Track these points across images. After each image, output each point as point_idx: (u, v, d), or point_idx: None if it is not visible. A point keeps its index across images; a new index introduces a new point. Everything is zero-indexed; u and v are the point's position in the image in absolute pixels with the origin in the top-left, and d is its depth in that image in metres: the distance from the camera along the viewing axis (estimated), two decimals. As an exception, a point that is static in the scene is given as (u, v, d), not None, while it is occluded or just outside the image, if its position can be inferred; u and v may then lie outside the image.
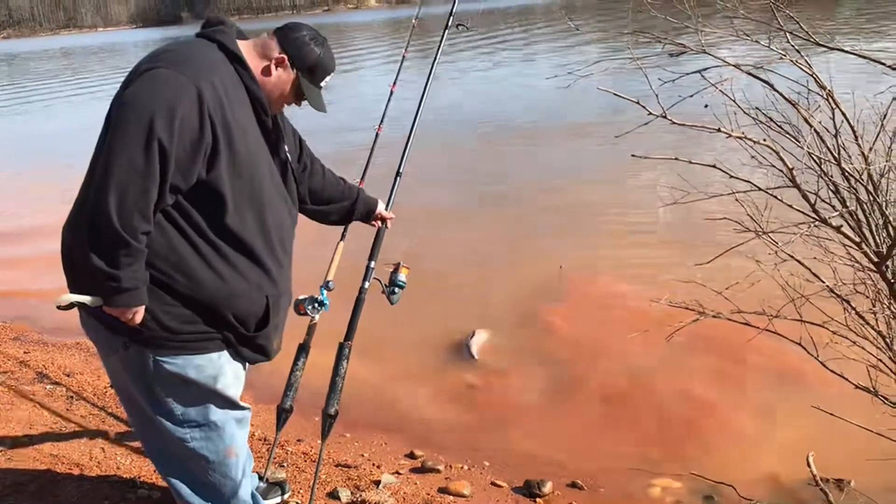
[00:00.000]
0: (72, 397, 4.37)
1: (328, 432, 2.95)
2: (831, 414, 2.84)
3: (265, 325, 2.31)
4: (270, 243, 2.29)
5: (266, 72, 2.26)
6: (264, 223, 2.26)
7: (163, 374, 2.21)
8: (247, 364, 2.41)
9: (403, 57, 3.78)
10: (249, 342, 2.32)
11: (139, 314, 2.08)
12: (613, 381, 4.44)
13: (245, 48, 2.24)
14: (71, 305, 2.09)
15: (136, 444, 3.70)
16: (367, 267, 3.13)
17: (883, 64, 2.37)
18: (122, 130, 1.95)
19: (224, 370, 2.30)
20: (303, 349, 3.06)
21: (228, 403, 2.36)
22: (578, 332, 5.06)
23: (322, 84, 2.38)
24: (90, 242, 1.97)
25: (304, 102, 2.40)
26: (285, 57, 2.26)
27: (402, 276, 3.13)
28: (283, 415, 2.96)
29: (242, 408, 2.42)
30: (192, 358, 2.22)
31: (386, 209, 3.13)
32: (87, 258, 1.97)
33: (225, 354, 2.29)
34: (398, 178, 3.31)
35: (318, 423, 2.97)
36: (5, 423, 3.92)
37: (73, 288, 2.12)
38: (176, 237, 2.11)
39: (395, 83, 3.64)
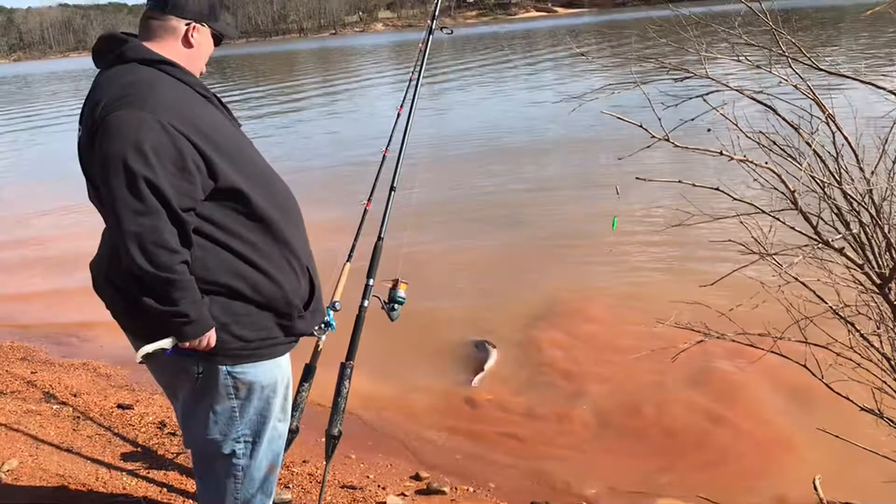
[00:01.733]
0: (78, 417, 4.38)
1: (332, 453, 2.96)
2: (836, 436, 2.84)
3: (314, 293, 2.39)
4: (289, 214, 2.33)
5: (187, 45, 2.26)
6: (276, 197, 2.30)
7: (232, 387, 2.27)
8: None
9: (410, 80, 3.82)
10: (310, 312, 2.39)
11: (213, 337, 2.14)
12: (619, 401, 4.44)
13: (156, 46, 2.22)
14: (148, 356, 2.13)
15: (143, 464, 3.71)
16: (366, 285, 3.15)
17: (884, 89, 2.40)
18: (109, 186, 2.00)
19: (288, 374, 2.43)
20: (309, 370, 3.08)
21: (283, 412, 2.45)
22: (583, 352, 5.06)
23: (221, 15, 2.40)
24: (142, 292, 2.05)
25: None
26: (191, 23, 2.25)
27: (401, 291, 3.15)
28: (288, 435, 2.97)
29: (288, 421, 2.51)
30: (262, 364, 2.29)
31: (383, 223, 3.22)
32: (147, 307, 2.05)
33: (288, 358, 2.40)
34: (392, 192, 3.35)
35: (323, 443, 2.98)
36: (12, 442, 3.93)
37: (132, 331, 2.21)
38: (220, 252, 2.15)
39: (402, 106, 3.68)
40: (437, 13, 3.66)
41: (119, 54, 2.18)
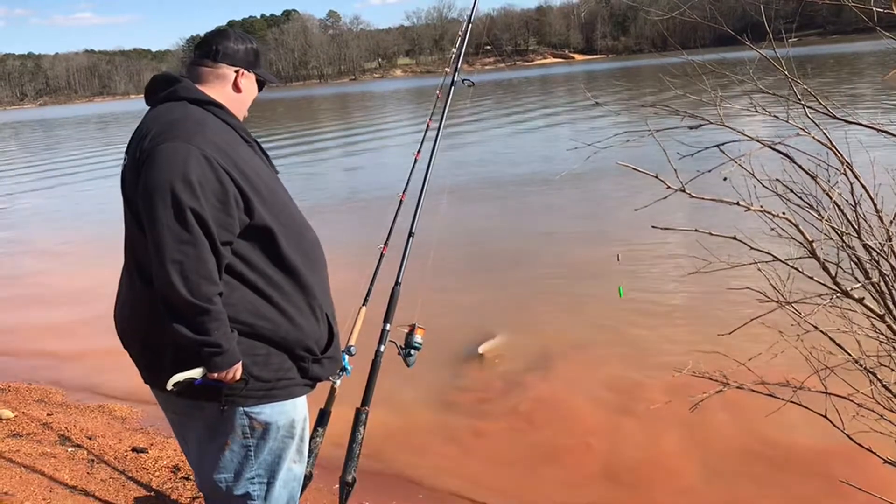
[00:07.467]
0: (93, 461, 4.37)
1: (346, 500, 2.92)
2: (860, 489, 2.78)
3: (333, 339, 2.40)
4: (314, 262, 2.37)
5: (237, 90, 2.40)
6: (303, 244, 2.34)
7: (248, 427, 2.28)
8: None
9: (427, 126, 3.87)
10: (326, 358, 2.39)
11: (239, 370, 2.17)
12: (635, 456, 4.37)
13: (206, 89, 2.33)
14: (177, 385, 2.14)
15: (155, 509, 3.69)
16: (383, 330, 3.15)
17: (901, 137, 2.39)
18: (154, 216, 2.05)
19: (305, 416, 2.43)
20: (323, 414, 3.06)
21: (298, 455, 2.44)
22: (599, 401, 5.00)
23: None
24: (179, 322, 2.06)
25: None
26: (240, 69, 2.39)
27: (418, 337, 3.15)
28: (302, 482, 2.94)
29: (304, 464, 2.50)
30: (279, 404, 2.30)
31: (401, 269, 3.26)
32: (181, 336, 2.07)
33: (304, 400, 2.40)
34: (410, 237, 3.36)
35: (337, 490, 2.95)
36: (26, 485, 3.92)
37: (148, 368, 2.21)
38: (244, 290, 2.19)
39: (419, 151, 3.72)
40: (458, 66, 3.72)
41: (171, 92, 2.29)
